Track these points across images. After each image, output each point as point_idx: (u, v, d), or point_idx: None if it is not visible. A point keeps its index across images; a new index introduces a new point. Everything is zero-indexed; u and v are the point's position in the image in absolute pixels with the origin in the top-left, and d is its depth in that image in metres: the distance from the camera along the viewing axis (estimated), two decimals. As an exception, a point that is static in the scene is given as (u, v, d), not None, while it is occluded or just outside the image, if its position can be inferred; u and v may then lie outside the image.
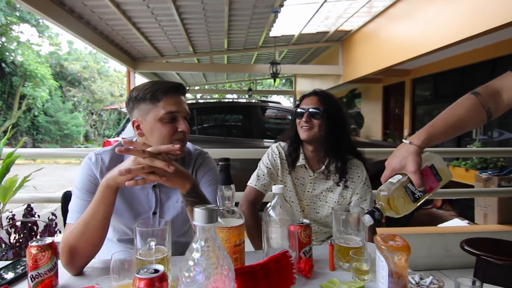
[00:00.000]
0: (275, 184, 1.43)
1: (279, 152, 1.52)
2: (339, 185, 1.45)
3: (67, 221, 1.06)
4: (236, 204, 0.91)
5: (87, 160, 1.12)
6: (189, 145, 1.25)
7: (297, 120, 1.47)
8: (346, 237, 1.03)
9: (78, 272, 0.97)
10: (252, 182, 1.50)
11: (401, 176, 0.89)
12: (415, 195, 0.88)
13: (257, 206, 1.50)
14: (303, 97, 1.51)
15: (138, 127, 1.10)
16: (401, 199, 0.87)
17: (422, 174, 0.88)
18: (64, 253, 0.95)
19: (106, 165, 1.11)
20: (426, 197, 0.90)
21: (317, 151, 1.46)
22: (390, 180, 0.89)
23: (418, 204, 0.89)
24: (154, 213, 1.15)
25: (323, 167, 1.45)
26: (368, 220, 0.85)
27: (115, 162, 1.09)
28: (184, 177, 0.98)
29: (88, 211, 0.97)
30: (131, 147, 0.94)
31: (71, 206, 1.07)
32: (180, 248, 1.10)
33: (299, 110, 1.46)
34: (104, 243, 1.01)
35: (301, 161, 1.47)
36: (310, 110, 1.42)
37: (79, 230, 0.96)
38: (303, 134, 1.43)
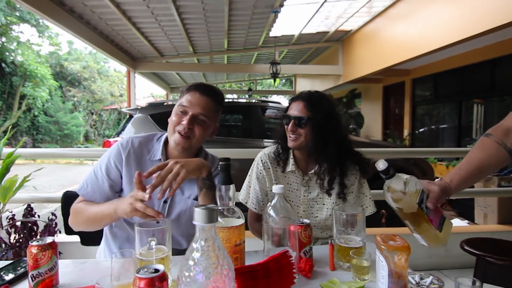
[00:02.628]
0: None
1: (263, 163, 1.40)
2: (333, 188, 1.33)
3: (77, 189, 1.20)
4: (236, 204, 0.91)
5: (118, 145, 1.21)
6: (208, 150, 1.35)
7: (285, 126, 1.36)
8: (346, 237, 1.03)
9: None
10: (252, 205, 1.42)
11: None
12: (422, 203, 0.91)
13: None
14: (292, 100, 1.39)
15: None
16: (413, 189, 0.90)
17: (436, 208, 0.93)
18: (71, 217, 1.18)
19: (135, 147, 1.21)
20: (422, 221, 0.92)
21: (307, 156, 1.37)
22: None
23: (415, 211, 0.91)
24: (165, 202, 1.20)
25: (313, 170, 1.35)
26: (381, 164, 0.88)
27: (142, 147, 1.22)
28: (200, 165, 1.05)
29: (94, 214, 1.11)
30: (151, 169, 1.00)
31: (87, 176, 1.20)
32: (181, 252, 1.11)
33: (285, 115, 1.35)
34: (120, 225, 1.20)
35: (291, 166, 1.37)
36: (296, 117, 1.30)
37: (82, 218, 1.14)
38: (289, 142, 1.34)
